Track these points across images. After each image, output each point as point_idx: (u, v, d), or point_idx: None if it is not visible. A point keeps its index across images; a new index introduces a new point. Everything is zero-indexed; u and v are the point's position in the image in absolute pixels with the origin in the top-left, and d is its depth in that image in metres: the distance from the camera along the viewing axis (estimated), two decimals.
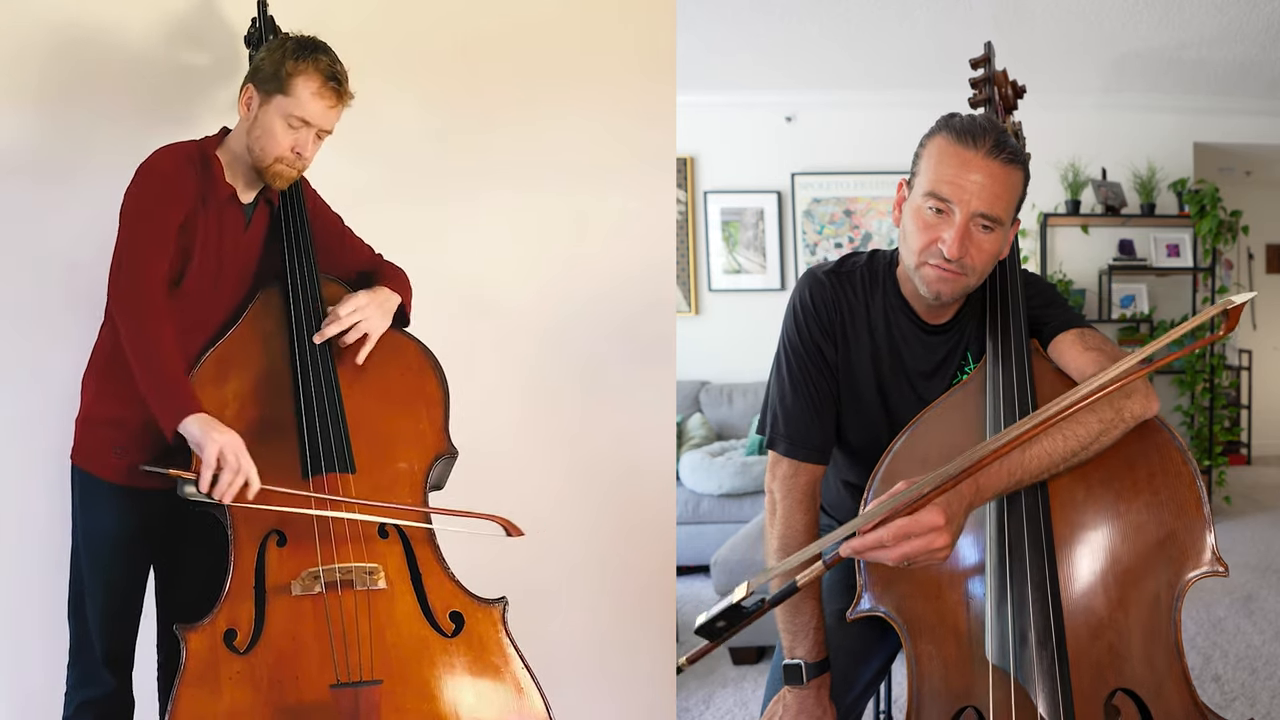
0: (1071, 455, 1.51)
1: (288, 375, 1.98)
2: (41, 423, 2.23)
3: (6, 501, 2.33)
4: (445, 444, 2.03)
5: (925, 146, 1.68)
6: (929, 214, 1.64)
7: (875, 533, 1.38)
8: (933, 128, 1.68)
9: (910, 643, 1.59)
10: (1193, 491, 1.53)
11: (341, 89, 1.93)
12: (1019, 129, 2.04)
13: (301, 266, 2.03)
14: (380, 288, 2.07)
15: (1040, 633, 1.45)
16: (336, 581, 1.84)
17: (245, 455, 1.79)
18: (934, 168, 1.64)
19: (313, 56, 1.91)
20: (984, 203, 1.60)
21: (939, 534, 1.37)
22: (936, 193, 1.62)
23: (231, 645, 1.79)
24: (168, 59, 2.36)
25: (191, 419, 1.78)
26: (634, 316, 2.66)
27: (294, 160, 1.94)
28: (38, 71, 2.31)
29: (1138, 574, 1.51)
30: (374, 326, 2.01)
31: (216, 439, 1.77)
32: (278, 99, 1.91)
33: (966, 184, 1.60)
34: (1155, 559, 1.52)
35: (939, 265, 1.64)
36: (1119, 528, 1.54)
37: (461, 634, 1.88)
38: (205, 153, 1.96)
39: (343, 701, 1.73)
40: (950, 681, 1.55)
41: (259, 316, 2.02)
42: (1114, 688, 1.47)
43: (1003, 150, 1.62)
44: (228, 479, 1.77)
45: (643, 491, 2.66)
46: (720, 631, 1.41)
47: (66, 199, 2.30)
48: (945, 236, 1.61)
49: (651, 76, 2.64)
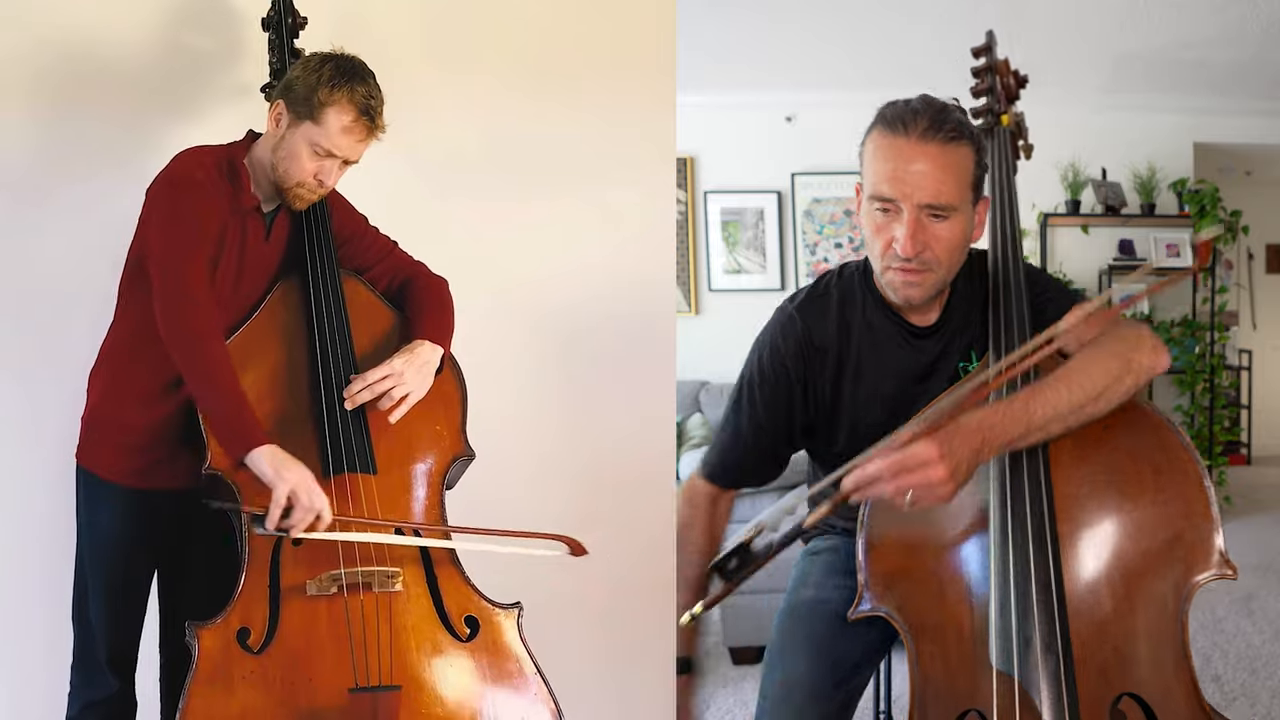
0: (1079, 406, 1.48)
1: (306, 370, 1.95)
2: (46, 422, 2.23)
3: (9, 501, 2.33)
4: (463, 445, 2.02)
5: (864, 144, 1.61)
6: (878, 216, 1.57)
7: (872, 465, 1.39)
8: (869, 122, 1.61)
9: (912, 643, 1.56)
10: (1200, 491, 1.51)
11: (374, 124, 1.88)
12: (1022, 119, 1.99)
13: (322, 262, 1.99)
14: (420, 344, 1.96)
15: (1045, 636, 1.42)
16: (357, 584, 1.83)
17: (316, 490, 1.78)
18: (873, 166, 1.57)
19: (348, 87, 1.86)
20: (928, 193, 1.52)
21: (934, 467, 1.38)
22: (878, 194, 1.55)
23: (245, 644, 1.78)
24: (169, 43, 2.35)
25: (260, 452, 1.77)
26: (634, 316, 2.66)
27: (315, 186, 1.91)
28: (40, 63, 2.31)
29: (1144, 575, 1.49)
30: (412, 390, 1.94)
31: (288, 478, 1.75)
32: (307, 125, 1.87)
33: (907, 176, 1.52)
34: (1162, 560, 1.50)
35: (900, 268, 1.58)
36: (1125, 527, 1.52)
37: (477, 638, 1.88)
38: (234, 162, 1.93)
39: (361, 706, 1.73)
40: (954, 683, 1.52)
41: (277, 310, 1.99)
42: (1120, 692, 1.45)
43: (940, 129, 1.53)
44: (299, 515, 1.76)
45: (643, 491, 2.65)
46: (733, 573, 1.41)
47: (70, 193, 2.30)
48: (897, 235, 1.55)
49: (651, 76, 2.64)
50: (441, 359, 1.99)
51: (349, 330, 1.99)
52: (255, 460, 1.77)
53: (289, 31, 2.17)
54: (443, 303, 2.06)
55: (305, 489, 1.76)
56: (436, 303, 2.06)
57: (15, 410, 2.33)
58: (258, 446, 1.77)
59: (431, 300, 2.06)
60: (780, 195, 6.28)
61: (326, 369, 1.94)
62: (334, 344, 1.96)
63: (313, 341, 1.96)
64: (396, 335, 2.03)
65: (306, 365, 1.96)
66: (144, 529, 1.96)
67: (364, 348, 2.01)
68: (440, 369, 1.99)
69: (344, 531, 1.83)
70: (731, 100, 6.05)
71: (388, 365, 1.92)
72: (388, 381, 1.91)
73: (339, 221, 2.06)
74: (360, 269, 2.09)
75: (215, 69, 2.38)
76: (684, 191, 6.22)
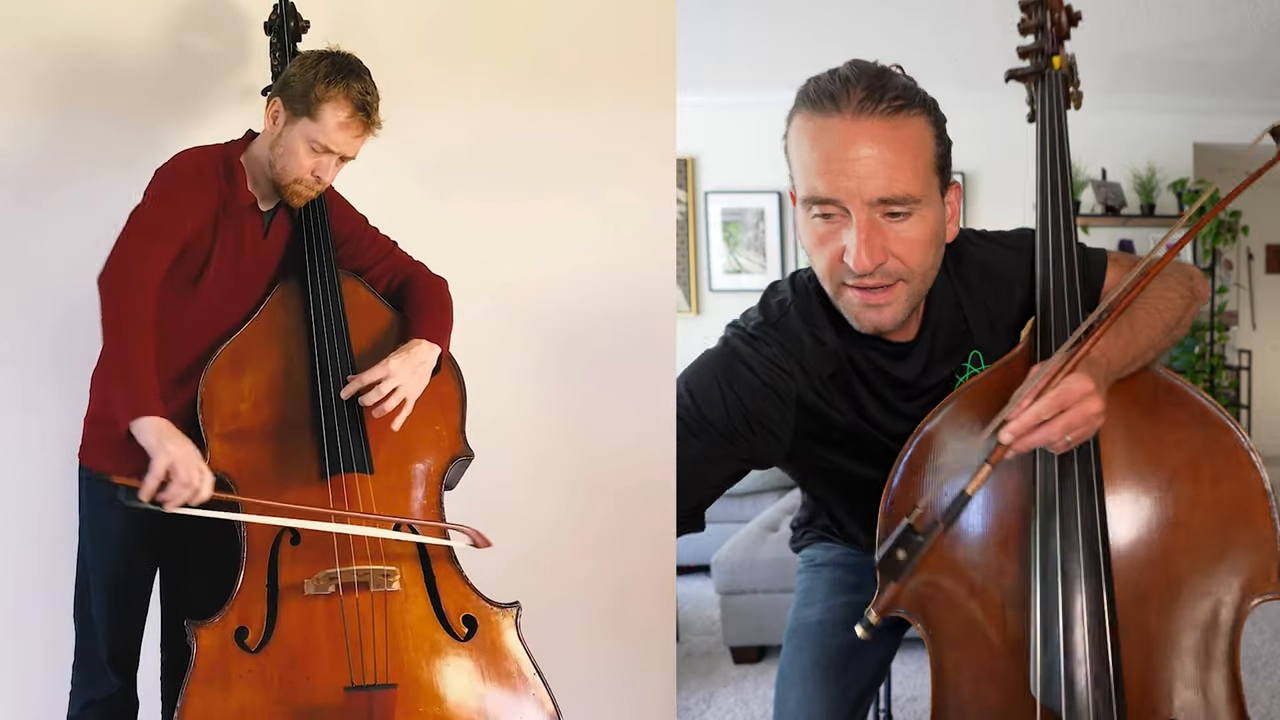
0: (1169, 329, 1.40)
1: (305, 372, 1.96)
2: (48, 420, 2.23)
3: (10, 501, 2.33)
4: (462, 445, 2.02)
5: (786, 135, 1.31)
6: (818, 225, 1.28)
7: (1032, 409, 1.20)
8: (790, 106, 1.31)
9: (936, 650, 1.42)
10: (1263, 501, 1.37)
11: (370, 120, 1.89)
12: (1073, 62, 1.69)
13: (321, 262, 2.00)
14: (416, 344, 1.94)
15: (1096, 671, 1.28)
16: (353, 583, 1.84)
17: (197, 468, 1.72)
18: (801, 159, 1.27)
19: (344, 82, 1.87)
20: (879, 184, 1.23)
21: (1092, 399, 1.22)
22: (813, 195, 1.26)
23: (242, 643, 1.78)
24: (175, 46, 2.36)
25: (147, 420, 1.72)
26: (634, 316, 2.66)
27: (313, 183, 1.92)
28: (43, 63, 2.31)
29: (1197, 595, 1.38)
30: (408, 392, 1.92)
31: (171, 450, 1.70)
32: (304, 121, 1.88)
33: (846, 166, 1.22)
34: (1218, 579, 1.38)
35: (856, 285, 1.30)
36: (1178, 538, 1.38)
37: (474, 638, 1.88)
38: (230, 160, 1.94)
39: (357, 704, 1.73)
40: (983, 699, 1.41)
41: (276, 311, 2.00)
42: (1166, 718, 1.38)
43: (881, 98, 1.23)
44: (175, 490, 1.71)
45: (643, 491, 2.65)
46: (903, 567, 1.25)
47: (73, 192, 2.31)
48: (848, 245, 1.25)
49: (651, 76, 2.65)
50: (440, 358, 1.99)
51: (347, 331, 1.99)
52: (140, 428, 1.72)
53: (291, 35, 2.18)
54: (441, 302, 2.06)
55: (185, 464, 1.71)
56: (435, 302, 2.06)
57: (17, 409, 2.33)
58: (147, 415, 1.72)
59: (430, 299, 2.05)
60: (780, 195, 6.28)
61: (325, 370, 1.95)
62: (332, 345, 1.96)
63: (311, 343, 1.97)
64: (395, 335, 2.03)
65: (305, 367, 1.96)
66: (146, 528, 1.95)
67: (363, 348, 2.01)
68: (438, 368, 1.99)
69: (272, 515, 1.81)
70: (731, 100, 6.05)
71: (383, 365, 1.91)
72: (386, 384, 1.90)
73: (338, 221, 2.07)
74: (360, 269, 2.09)
75: (221, 71, 2.38)
76: (684, 191, 6.23)
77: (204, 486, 1.74)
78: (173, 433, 1.73)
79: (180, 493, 1.72)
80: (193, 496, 1.73)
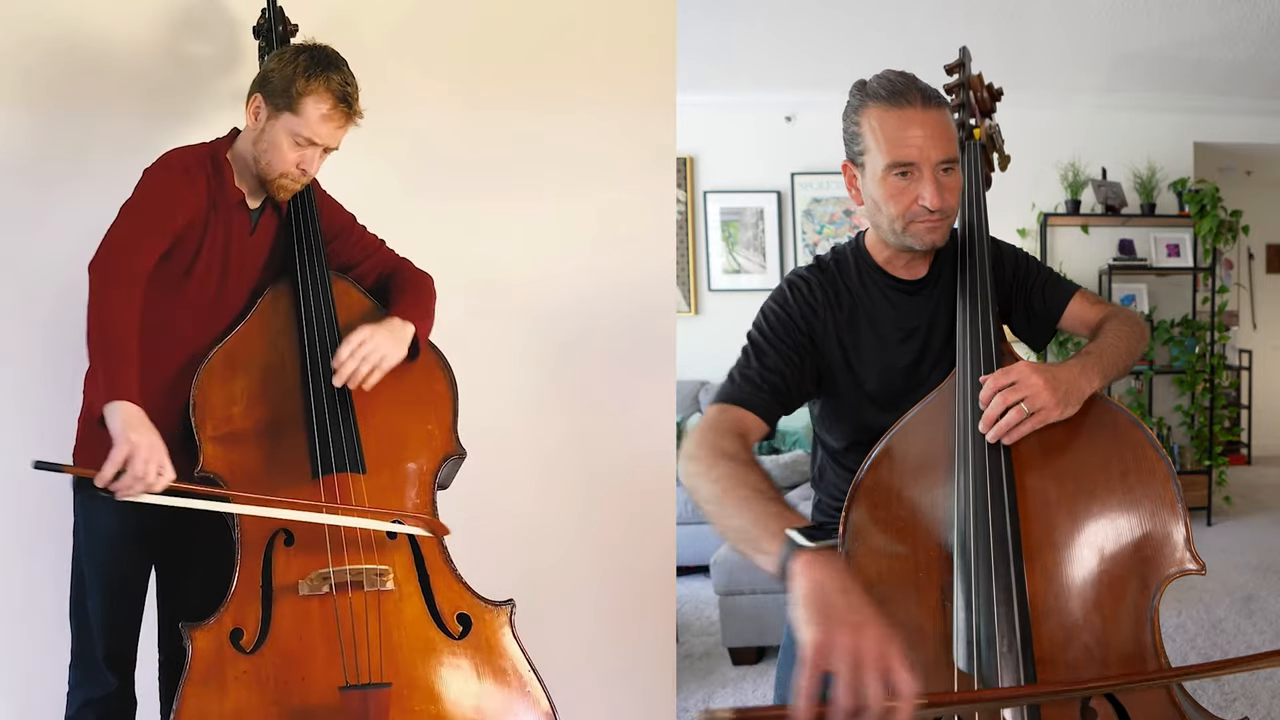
0: (1127, 366, 1.74)
1: (297, 373, 1.97)
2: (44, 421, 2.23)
3: (8, 500, 2.33)
4: (454, 444, 2.03)
5: (860, 123, 1.77)
6: (898, 181, 1.74)
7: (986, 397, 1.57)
8: (856, 102, 1.78)
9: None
10: (1167, 489, 1.52)
11: (351, 110, 1.91)
12: (996, 131, 2.10)
13: (311, 263, 2.01)
14: (390, 319, 1.98)
15: (1007, 636, 1.42)
16: (346, 582, 1.84)
17: (155, 461, 1.72)
18: (883, 138, 1.73)
19: (324, 75, 1.89)
20: (940, 150, 1.72)
21: (1035, 375, 1.55)
22: (899, 160, 1.72)
23: (238, 645, 1.79)
24: (168, 49, 2.36)
25: (119, 405, 1.71)
26: (634, 316, 2.66)
27: (298, 176, 1.94)
28: (37, 66, 2.31)
29: (1112, 574, 1.50)
30: (386, 357, 1.94)
31: (134, 439, 1.70)
32: (286, 116, 1.89)
33: (919, 141, 1.71)
34: (1130, 559, 1.50)
35: (925, 220, 1.75)
36: (1092, 527, 1.52)
37: (469, 636, 1.88)
38: (217, 156, 1.96)
39: (351, 703, 1.73)
40: (928, 688, 1.48)
41: (268, 314, 2.01)
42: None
43: (932, 97, 1.74)
44: (127, 481, 1.70)
45: (643, 492, 2.66)
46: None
47: (68, 194, 2.31)
48: (923, 194, 1.72)
49: (651, 76, 2.65)
50: (416, 338, 1.99)
51: (338, 331, 2.00)
52: (111, 412, 1.71)
53: (279, 39, 2.19)
54: (420, 288, 2.08)
55: (144, 456, 1.70)
56: (414, 287, 2.08)
57: (14, 410, 2.32)
58: (121, 400, 1.72)
59: (410, 286, 2.08)
60: (780, 195, 6.28)
61: (315, 367, 1.96)
62: (323, 342, 1.97)
63: (301, 340, 1.98)
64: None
65: (296, 367, 1.97)
66: (140, 528, 1.96)
67: None
68: (417, 351, 1.99)
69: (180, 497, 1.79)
70: (731, 100, 6.06)
71: (357, 332, 1.93)
72: (364, 347, 1.91)
73: (326, 218, 2.08)
74: (347, 265, 2.11)
75: (214, 74, 2.39)
76: (684, 191, 6.22)
77: (157, 482, 1.72)
78: (141, 422, 1.72)
79: (131, 484, 1.71)
80: (143, 489, 1.72)
